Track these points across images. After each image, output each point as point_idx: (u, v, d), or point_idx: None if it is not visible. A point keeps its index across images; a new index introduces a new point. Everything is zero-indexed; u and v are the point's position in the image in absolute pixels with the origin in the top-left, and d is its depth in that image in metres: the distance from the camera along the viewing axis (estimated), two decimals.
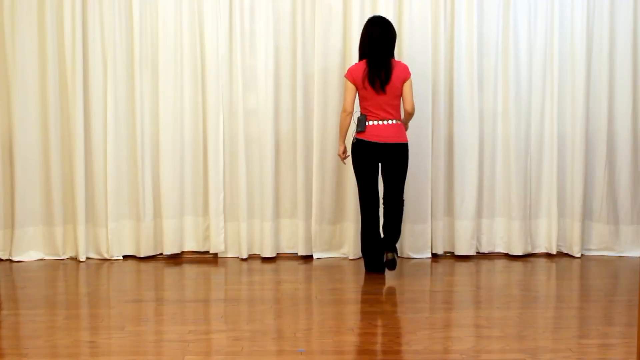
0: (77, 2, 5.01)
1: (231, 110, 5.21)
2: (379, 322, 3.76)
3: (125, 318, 3.83)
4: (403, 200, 4.67)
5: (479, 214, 5.30)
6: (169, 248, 5.21)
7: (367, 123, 4.51)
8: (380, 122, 4.50)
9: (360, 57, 4.59)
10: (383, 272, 4.68)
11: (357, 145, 4.57)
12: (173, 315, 3.89)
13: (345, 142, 4.72)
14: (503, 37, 5.21)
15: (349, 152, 4.67)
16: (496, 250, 5.37)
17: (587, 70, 5.20)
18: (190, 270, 4.96)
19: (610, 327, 3.68)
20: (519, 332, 3.59)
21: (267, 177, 5.18)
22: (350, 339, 3.51)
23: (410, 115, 4.59)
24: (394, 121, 4.52)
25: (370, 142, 4.51)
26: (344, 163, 4.82)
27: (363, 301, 4.16)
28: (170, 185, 5.18)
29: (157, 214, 5.24)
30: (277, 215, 5.26)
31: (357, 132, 4.56)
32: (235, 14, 5.11)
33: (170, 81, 5.13)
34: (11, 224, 5.15)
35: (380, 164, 4.61)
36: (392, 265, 4.55)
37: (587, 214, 5.34)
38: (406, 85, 4.51)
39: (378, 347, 3.41)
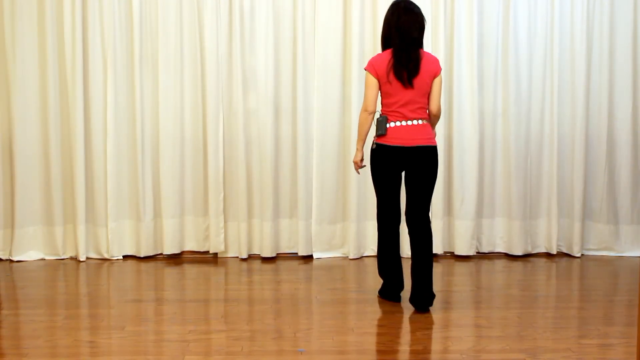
0: (77, 2, 5.00)
1: (231, 110, 5.21)
2: (379, 322, 3.76)
3: (125, 318, 3.83)
4: (430, 220, 3.98)
5: (479, 214, 5.30)
6: (169, 248, 5.21)
7: (388, 125, 3.88)
8: (404, 122, 3.86)
9: (384, 47, 3.96)
10: (399, 300, 4.09)
11: (378, 151, 3.92)
12: (173, 315, 3.89)
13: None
14: (503, 37, 5.21)
15: (367, 161, 4.08)
16: (496, 250, 5.37)
17: (587, 70, 5.20)
18: (190, 270, 4.96)
19: (610, 327, 3.68)
20: (519, 332, 3.59)
21: (267, 177, 5.18)
22: (350, 339, 3.51)
23: (435, 117, 3.99)
24: (421, 121, 3.89)
25: (393, 147, 3.86)
26: (358, 173, 4.23)
27: (363, 301, 4.16)
28: (170, 185, 5.18)
29: (157, 214, 5.24)
30: (277, 215, 5.26)
31: (377, 136, 3.91)
32: (235, 14, 5.11)
33: (170, 81, 5.13)
34: (11, 224, 5.16)
35: (403, 173, 3.99)
36: (424, 307, 3.93)
37: (587, 214, 5.34)
38: (435, 82, 3.90)
39: (378, 347, 3.41)
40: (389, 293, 4.12)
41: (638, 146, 5.31)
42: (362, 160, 4.04)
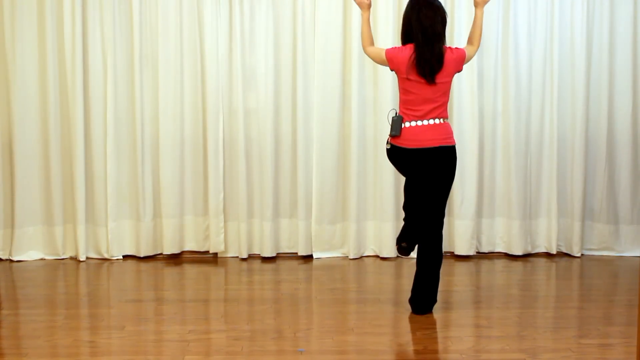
0: (77, 2, 5.01)
1: (231, 110, 5.21)
2: (379, 322, 3.76)
3: (125, 318, 3.83)
4: (442, 225, 3.86)
5: (479, 213, 5.30)
6: (169, 248, 5.21)
7: (402, 125, 3.72)
8: (420, 122, 3.70)
9: (404, 42, 3.82)
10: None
11: (392, 152, 3.79)
12: (173, 315, 3.89)
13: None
14: (503, 37, 5.20)
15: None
16: (496, 250, 5.36)
17: (587, 70, 5.20)
18: (190, 270, 4.96)
19: (610, 327, 3.68)
20: (519, 332, 3.59)
21: (267, 177, 5.17)
22: (350, 339, 3.51)
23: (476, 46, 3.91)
24: (439, 120, 3.72)
25: (407, 149, 3.71)
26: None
27: (363, 301, 4.16)
28: (170, 185, 5.18)
29: (157, 213, 5.24)
30: (277, 215, 5.26)
31: (391, 136, 3.76)
32: (235, 14, 5.11)
33: (170, 81, 5.13)
34: (11, 224, 5.15)
35: (420, 174, 3.80)
36: (422, 311, 3.90)
37: (587, 214, 5.33)
38: (463, 60, 3.80)
39: (378, 347, 3.41)
40: (408, 236, 3.88)
41: (638, 146, 5.31)
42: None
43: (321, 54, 5.15)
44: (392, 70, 3.81)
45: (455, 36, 5.15)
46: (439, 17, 3.73)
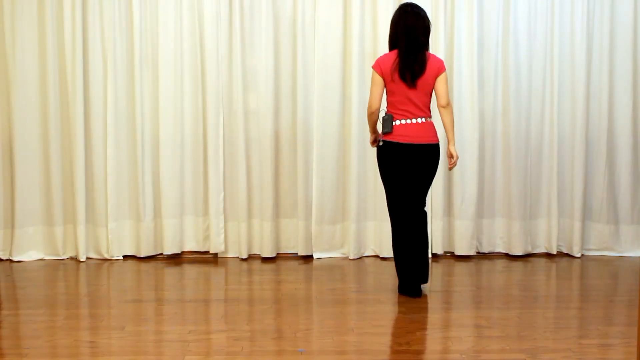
0: (77, 2, 5.01)
1: (231, 110, 5.21)
2: (379, 322, 3.76)
3: (125, 318, 3.83)
4: (425, 212, 4.18)
5: (479, 214, 5.30)
6: (169, 248, 5.22)
7: (393, 123, 4.05)
8: (408, 120, 4.04)
9: (391, 48, 4.13)
10: (419, 295, 4.18)
11: (384, 148, 4.08)
12: (173, 315, 3.89)
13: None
14: (503, 37, 5.21)
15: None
16: (496, 250, 5.37)
17: (587, 70, 5.20)
18: (190, 270, 4.96)
19: (610, 327, 3.68)
20: (519, 332, 3.59)
21: (267, 177, 5.18)
22: (350, 339, 3.51)
23: (446, 110, 4.08)
24: (424, 119, 4.06)
25: (400, 144, 4.03)
26: (380, 144, 4.12)
27: (363, 301, 4.16)
28: (170, 185, 5.18)
29: (157, 214, 5.24)
30: (277, 215, 5.26)
31: (383, 133, 4.08)
32: (235, 14, 5.11)
33: (171, 81, 5.13)
34: (11, 224, 5.16)
35: (409, 168, 4.10)
36: (417, 293, 4.17)
37: (587, 214, 5.34)
38: (440, 79, 4.04)
39: (378, 347, 3.41)
40: (408, 288, 4.20)
41: (638, 146, 5.31)
42: (375, 139, 4.21)
43: (321, 54, 5.15)
44: (380, 76, 4.06)
45: (455, 35, 5.15)
46: (423, 27, 4.06)
